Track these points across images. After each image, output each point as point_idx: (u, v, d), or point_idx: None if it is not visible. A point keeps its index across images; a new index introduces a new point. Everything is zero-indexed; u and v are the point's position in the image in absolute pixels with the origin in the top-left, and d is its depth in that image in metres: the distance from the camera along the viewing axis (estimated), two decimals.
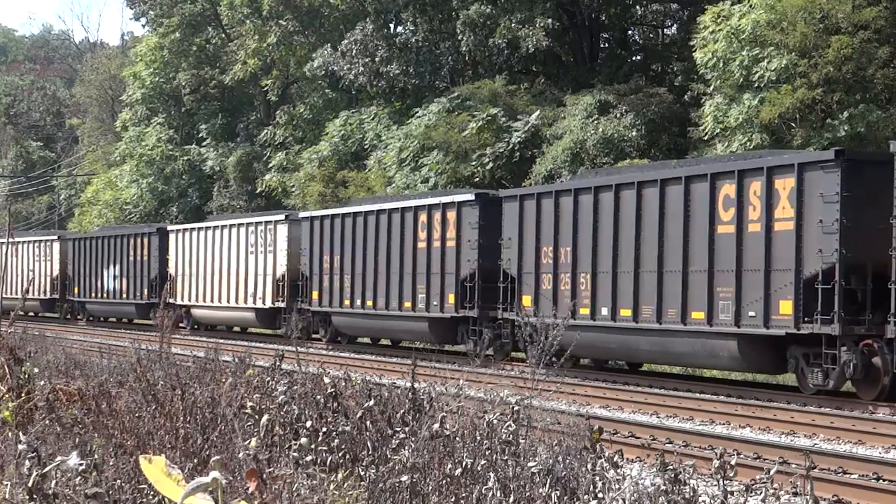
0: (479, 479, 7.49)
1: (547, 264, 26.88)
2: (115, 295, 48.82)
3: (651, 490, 7.01)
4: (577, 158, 36.96)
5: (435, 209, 30.92)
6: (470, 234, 29.52)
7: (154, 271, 46.15)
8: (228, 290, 40.82)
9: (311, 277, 36.31)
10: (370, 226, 33.42)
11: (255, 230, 39.58)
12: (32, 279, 55.08)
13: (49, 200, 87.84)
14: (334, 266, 35.06)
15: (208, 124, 63.67)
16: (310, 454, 8.11)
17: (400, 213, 32.20)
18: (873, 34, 29.42)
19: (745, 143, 30.44)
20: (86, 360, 17.27)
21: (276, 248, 38.21)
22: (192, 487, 3.75)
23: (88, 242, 51.58)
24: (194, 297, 43.12)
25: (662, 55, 47.72)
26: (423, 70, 47.08)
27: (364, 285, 33.49)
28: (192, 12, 63.07)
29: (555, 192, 26.86)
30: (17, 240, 57.27)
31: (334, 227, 35.24)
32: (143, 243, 46.97)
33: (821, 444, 16.07)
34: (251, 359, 13.77)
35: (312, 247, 36.19)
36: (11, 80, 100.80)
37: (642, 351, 25.04)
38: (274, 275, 38.28)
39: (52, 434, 8.84)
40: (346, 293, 34.38)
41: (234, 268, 40.54)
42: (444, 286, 30.24)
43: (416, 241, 31.40)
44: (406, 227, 31.86)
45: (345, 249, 34.55)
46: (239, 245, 40.43)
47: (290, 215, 38.48)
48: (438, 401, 9.56)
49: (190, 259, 43.57)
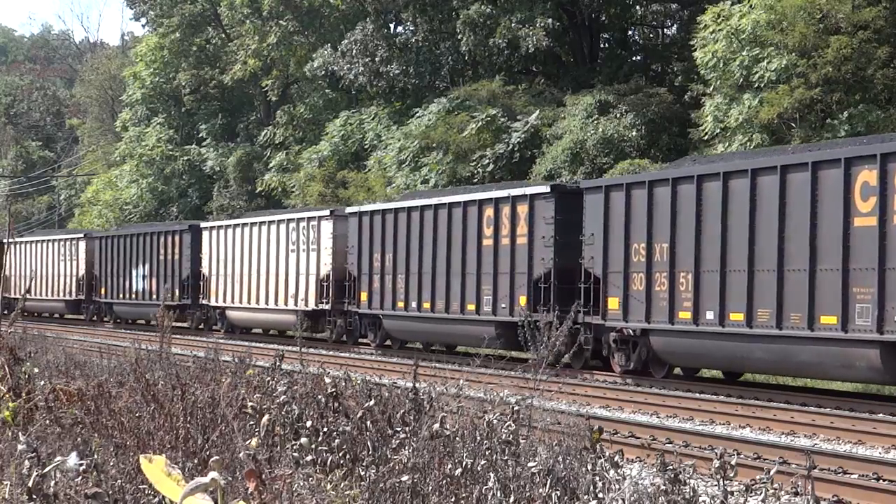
0: (480, 479, 7.49)
1: (638, 262, 24.21)
2: (144, 296, 46.25)
3: (651, 490, 7.01)
4: (576, 158, 36.98)
5: (503, 203, 28.30)
6: (544, 229, 26.93)
7: (186, 271, 43.85)
8: (267, 290, 38.50)
9: (360, 277, 33.75)
10: (427, 221, 30.85)
11: (297, 227, 37.04)
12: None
13: (49, 200, 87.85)
14: (386, 265, 32.55)
15: (208, 124, 63.69)
16: (310, 454, 8.11)
17: (462, 207, 29.60)
18: (873, 34, 29.43)
19: (745, 143, 30.47)
20: (86, 360, 17.26)
21: (320, 245, 35.78)
22: (192, 487, 3.76)
23: (116, 241, 48.89)
24: (229, 298, 40.86)
25: (662, 55, 47.73)
26: (423, 70, 47.09)
27: (420, 286, 31.03)
28: (192, 12, 63.09)
29: (648, 182, 24.09)
30: (41, 238, 55.48)
31: (386, 223, 32.66)
32: (175, 241, 44.49)
33: (821, 444, 16.07)
34: (251, 359, 13.77)
35: (361, 244, 33.66)
36: (11, 80, 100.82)
37: (755, 360, 22.15)
38: (317, 274, 35.80)
39: (52, 434, 8.84)
40: (400, 294, 31.92)
41: (274, 267, 38.15)
42: (514, 287, 27.70)
43: (482, 237, 28.89)
44: (469, 223, 29.31)
45: (398, 247, 31.98)
46: (279, 243, 37.97)
47: (335, 210, 36.08)
48: (439, 401, 9.56)
49: (225, 258, 41.24)
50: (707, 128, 32.36)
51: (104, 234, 51.10)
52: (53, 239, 54.40)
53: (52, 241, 54.16)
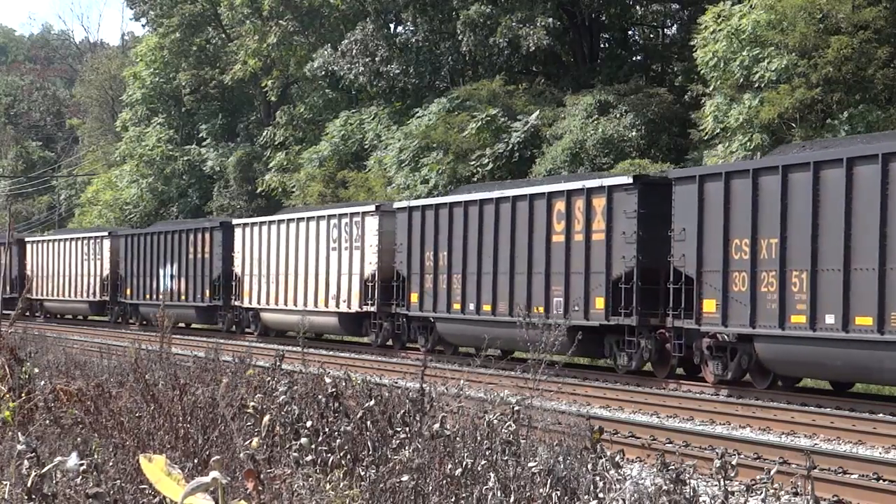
0: (480, 480, 7.48)
1: (740, 260, 21.84)
2: (172, 297, 43.69)
3: (651, 490, 7.01)
4: (576, 158, 36.98)
5: (576, 195, 25.93)
6: (625, 224, 24.52)
7: (217, 270, 41.54)
8: (306, 291, 36.16)
9: (410, 277, 31.46)
10: (487, 216, 28.50)
11: (339, 223, 34.79)
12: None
13: (49, 200, 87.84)
14: (439, 264, 30.17)
15: (208, 124, 63.70)
16: (310, 454, 8.11)
17: (528, 200, 27.16)
18: (873, 34, 29.43)
19: (745, 143, 30.46)
20: (86, 360, 17.26)
21: (365, 243, 33.54)
22: (193, 487, 3.75)
23: (142, 239, 46.63)
24: (264, 299, 38.68)
25: (662, 55, 47.74)
26: (423, 70, 47.10)
27: (479, 287, 28.68)
28: (192, 12, 63.09)
29: (752, 171, 21.80)
30: (63, 237, 53.50)
31: (440, 219, 30.30)
32: (205, 239, 42.23)
33: (821, 444, 16.07)
34: (251, 359, 13.77)
35: (411, 242, 31.35)
36: (11, 80, 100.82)
37: (887, 371, 19.56)
38: (361, 274, 33.60)
39: (52, 434, 8.84)
40: (455, 296, 29.58)
41: (313, 267, 35.89)
42: (590, 288, 25.32)
43: (551, 233, 26.50)
44: (537, 218, 26.90)
45: (453, 244, 29.68)
46: (319, 240, 35.70)
47: (381, 206, 33.76)
48: (439, 401, 9.55)
49: (259, 256, 39.01)
50: (707, 128, 32.36)
51: (130, 233, 49.11)
52: (76, 237, 52.30)
53: (75, 239, 52.08)
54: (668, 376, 24.28)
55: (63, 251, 52.45)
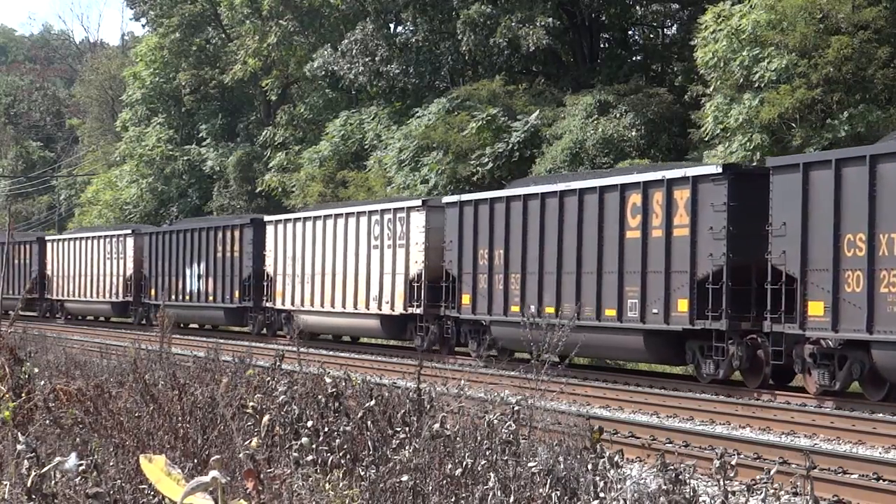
0: (480, 480, 7.48)
1: (854, 257, 19.72)
2: (200, 297, 42.00)
3: (652, 490, 7.01)
4: (576, 158, 36.97)
5: (655, 187, 23.74)
6: (713, 218, 22.32)
7: (247, 270, 39.50)
8: (344, 292, 34.08)
9: (461, 277, 29.38)
10: (550, 211, 26.42)
11: (382, 219, 32.72)
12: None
13: (49, 200, 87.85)
14: (495, 263, 28.11)
15: (208, 124, 63.71)
16: (310, 454, 8.11)
17: (598, 193, 25.07)
18: (873, 34, 29.43)
19: (745, 143, 30.45)
20: (86, 360, 17.27)
21: (410, 240, 31.50)
22: (192, 487, 3.75)
23: (168, 237, 44.59)
24: (298, 300, 36.70)
25: (662, 55, 47.74)
26: (423, 70, 47.10)
27: (541, 287, 26.53)
28: (192, 12, 63.10)
29: (869, 158, 19.57)
30: (84, 235, 51.59)
31: (495, 214, 28.29)
32: (234, 237, 40.19)
33: (821, 444, 16.07)
34: (251, 359, 13.77)
35: (462, 239, 29.30)
36: (11, 80, 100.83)
37: None
38: (406, 274, 31.57)
39: (52, 434, 8.84)
40: (514, 297, 27.48)
41: (353, 266, 33.82)
42: (671, 289, 23.19)
43: (625, 229, 24.42)
44: (608, 212, 24.82)
45: (511, 242, 27.63)
46: (359, 238, 33.64)
47: (428, 200, 31.82)
48: (439, 401, 9.55)
49: (294, 255, 36.93)
50: (707, 128, 32.35)
51: (154, 230, 47.22)
52: (99, 235, 50.30)
53: (98, 237, 50.05)
54: (759, 386, 22.17)
55: (85, 250, 50.62)
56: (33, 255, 54.50)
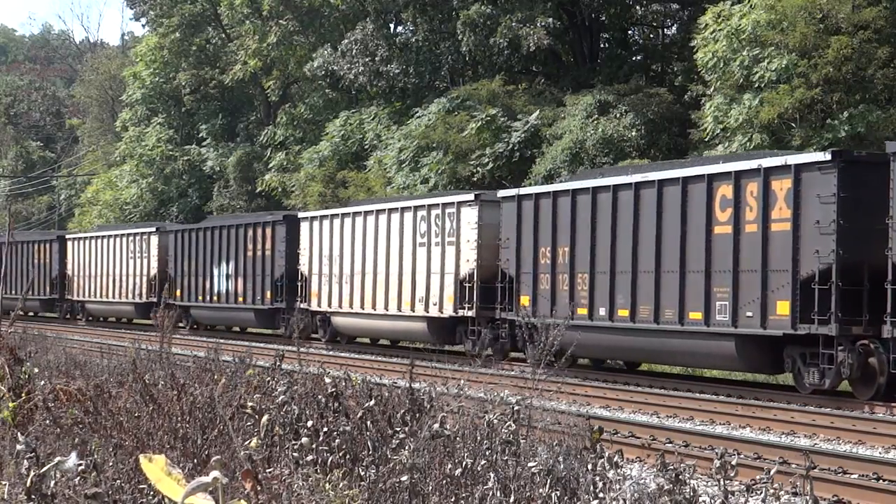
0: (480, 479, 7.48)
1: None
2: (228, 298, 40.02)
3: (652, 489, 7.01)
4: (576, 158, 36.98)
5: (748, 177, 21.68)
6: (820, 212, 20.31)
7: (279, 269, 37.53)
8: (387, 293, 32.12)
9: (519, 277, 27.33)
10: (624, 205, 24.44)
11: (429, 215, 30.64)
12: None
13: (49, 200, 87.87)
14: (558, 262, 26.16)
15: (208, 124, 63.73)
16: (310, 454, 8.11)
17: (680, 184, 23.10)
18: (873, 34, 29.44)
19: (745, 143, 30.46)
20: (86, 360, 17.26)
21: (461, 238, 29.46)
22: (193, 487, 3.75)
23: (194, 235, 42.64)
24: (335, 302, 34.55)
25: (662, 55, 47.75)
26: (423, 70, 47.12)
27: (612, 288, 24.69)
28: (192, 12, 63.12)
29: None
30: (106, 233, 49.49)
31: (558, 209, 26.24)
32: (266, 235, 38.17)
33: (821, 444, 16.07)
34: (251, 359, 13.76)
35: (521, 236, 27.27)
36: (11, 80, 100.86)
37: None
38: (456, 274, 29.52)
39: (52, 434, 8.84)
40: (580, 299, 25.43)
41: (396, 265, 31.84)
42: (768, 289, 21.09)
43: (712, 223, 22.37)
44: (692, 205, 22.82)
45: (577, 239, 25.60)
46: (403, 235, 31.57)
47: (481, 194, 29.64)
48: (439, 401, 9.55)
49: (330, 254, 34.86)
50: (707, 128, 32.36)
51: (180, 228, 45.12)
52: (121, 233, 48.23)
53: (120, 235, 48.01)
54: (872, 398, 20.08)
55: (107, 248, 48.55)
56: (53, 254, 52.65)
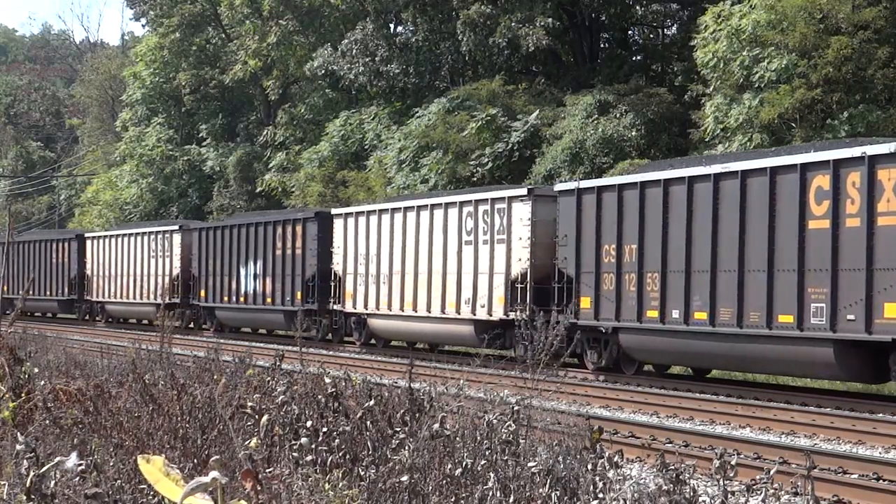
0: (480, 479, 7.48)
1: None
2: (256, 299, 38.37)
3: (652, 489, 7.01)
4: (576, 158, 36.99)
5: (849, 166, 19.76)
6: None
7: (311, 269, 35.78)
8: (429, 295, 30.19)
9: (579, 277, 25.43)
10: (700, 198, 22.47)
11: (476, 211, 28.83)
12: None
13: (49, 200, 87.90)
14: (624, 260, 24.29)
15: (208, 124, 63.75)
16: (310, 454, 8.10)
17: (767, 175, 20.96)
18: (873, 34, 29.45)
19: (745, 143, 30.47)
20: (86, 360, 17.26)
21: (511, 235, 27.65)
22: (192, 487, 3.74)
23: (219, 233, 40.81)
24: (372, 303, 32.77)
25: (662, 55, 47.76)
26: (423, 70, 47.13)
27: (687, 289, 22.70)
28: (192, 12, 63.15)
29: None
30: (127, 232, 47.77)
31: (624, 204, 24.27)
32: (296, 232, 36.51)
33: (821, 444, 16.06)
34: (251, 359, 13.76)
35: (581, 233, 25.42)
36: (11, 80, 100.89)
37: None
38: (507, 273, 27.59)
39: (52, 434, 8.84)
40: (650, 300, 23.67)
41: (440, 264, 29.89)
42: (874, 290, 19.27)
43: (805, 218, 20.40)
44: (781, 198, 20.92)
45: (646, 235, 23.73)
46: (447, 232, 29.74)
47: (535, 189, 27.85)
48: (439, 401, 9.55)
49: (367, 252, 33.06)
50: (707, 128, 32.36)
51: (204, 226, 43.38)
52: (143, 231, 46.52)
53: (141, 234, 46.34)
54: None
55: (128, 248, 46.84)
56: (72, 253, 50.97)
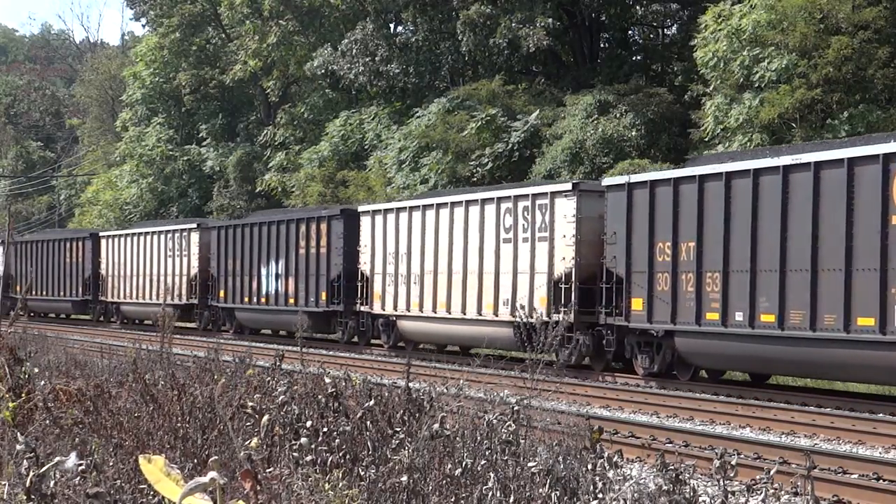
0: (479, 479, 7.48)
1: None
2: (278, 300, 37.01)
3: (652, 489, 7.01)
4: (576, 158, 36.99)
5: None
6: None
7: (336, 268, 34.42)
8: (464, 296, 28.93)
9: (630, 277, 24.05)
10: (767, 192, 21.08)
11: (515, 207, 27.35)
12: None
13: (49, 200, 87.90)
14: (680, 259, 22.84)
15: (208, 124, 63.77)
16: (310, 454, 8.10)
17: (845, 167, 19.72)
18: (873, 34, 29.46)
19: (745, 143, 30.47)
20: (86, 360, 17.27)
21: (554, 232, 26.16)
22: (191, 487, 3.75)
23: (239, 231, 39.51)
24: (402, 304, 31.49)
25: (662, 55, 47.77)
26: (423, 70, 47.14)
27: (753, 289, 21.29)
28: (192, 12, 63.16)
29: None
30: (145, 230, 46.51)
31: (680, 198, 22.90)
32: (320, 231, 35.00)
33: (821, 444, 16.07)
34: (251, 359, 13.76)
35: (631, 230, 24.01)
36: (11, 80, 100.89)
37: None
38: (550, 273, 26.23)
39: (52, 434, 8.84)
40: (710, 301, 22.19)
41: (476, 264, 28.59)
42: None
43: (889, 212, 19.04)
44: (860, 191, 19.59)
45: (705, 232, 22.27)
46: (484, 230, 28.43)
47: (579, 184, 26.40)
48: (438, 401, 9.55)
49: (396, 251, 31.72)
50: (707, 128, 32.36)
51: (223, 224, 42.07)
52: (159, 230, 45.23)
53: (158, 232, 45.04)
54: None
55: (144, 247, 45.58)
56: (86, 252, 49.95)
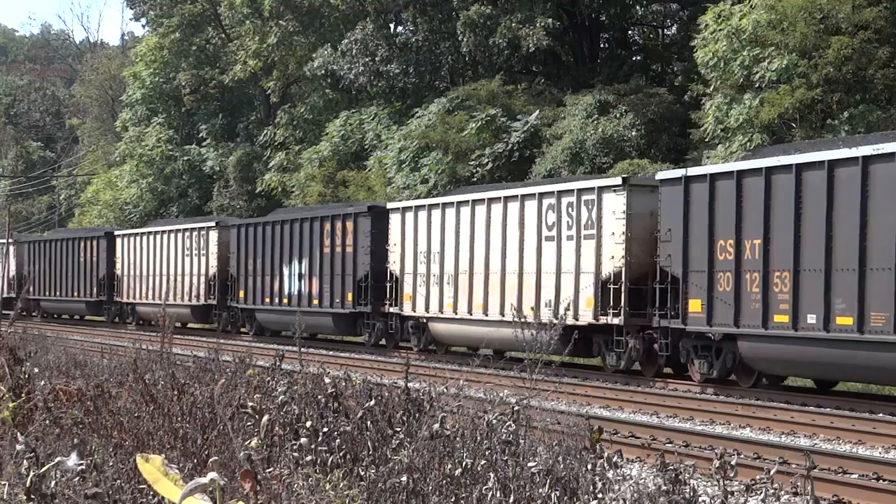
0: (479, 479, 7.48)
1: None
2: (301, 301, 35.53)
3: (652, 489, 7.01)
4: (576, 158, 36.99)
5: None
6: None
7: (363, 268, 32.93)
8: (502, 297, 27.43)
9: (687, 277, 22.63)
10: (844, 185, 19.55)
11: (558, 204, 25.96)
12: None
13: (49, 200, 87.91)
14: (744, 257, 21.44)
15: (208, 124, 63.77)
16: (310, 454, 8.10)
17: None
18: (873, 34, 29.46)
19: (745, 143, 30.48)
20: (86, 360, 17.26)
21: (602, 230, 24.80)
22: (191, 488, 3.75)
23: (260, 230, 38.18)
24: (434, 306, 30.12)
25: (662, 55, 47.78)
26: (423, 70, 47.14)
27: (827, 289, 19.87)
28: (192, 12, 63.18)
29: None
30: (161, 229, 45.29)
31: (743, 193, 21.42)
32: (346, 229, 33.68)
33: (821, 444, 16.06)
34: (251, 359, 13.75)
35: (689, 227, 22.56)
36: (11, 80, 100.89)
37: None
38: (597, 273, 24.81)
39: (52, 434, 8.84)
40: (778, 302, 20.82)
41: (516, 263, 27.09)
42: None
43: None
44: None
45: (772, 228, 20.88)
46: (524, 227, 26.99)
47: (629, 178, 25.09)
48: (438, 401, 9.55)
49: (428, 250, 30.35)
50: (707, 128, 32.36)
51: (243, 223, 40.68)
52: (176, 229, 43.78)
53: (175, 231, 43.64)
54: None
55: (160, 246, 44.43)
56: (101, 252, 48.77)
